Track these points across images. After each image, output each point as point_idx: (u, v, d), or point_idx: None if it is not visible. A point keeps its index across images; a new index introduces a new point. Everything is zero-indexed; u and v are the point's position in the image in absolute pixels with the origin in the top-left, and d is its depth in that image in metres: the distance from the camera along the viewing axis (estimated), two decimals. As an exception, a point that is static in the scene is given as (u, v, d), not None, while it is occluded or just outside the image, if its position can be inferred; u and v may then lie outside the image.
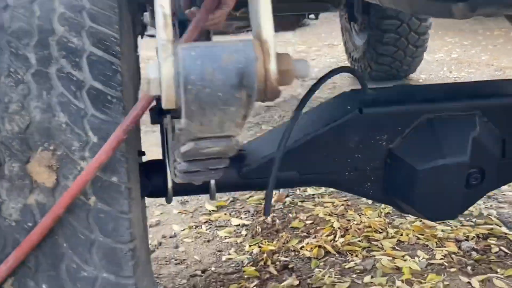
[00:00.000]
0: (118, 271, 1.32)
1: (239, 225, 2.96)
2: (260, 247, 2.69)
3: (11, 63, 1.33)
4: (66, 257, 1.29)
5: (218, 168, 1.10)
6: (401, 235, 2.72)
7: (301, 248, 2.66)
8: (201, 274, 2.51)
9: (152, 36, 1.73)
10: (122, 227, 1.30)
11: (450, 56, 6.99)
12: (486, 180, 1.90)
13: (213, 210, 3.16)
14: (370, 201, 2.99)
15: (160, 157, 1.75)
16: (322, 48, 7.73)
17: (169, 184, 1.80)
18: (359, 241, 2.68)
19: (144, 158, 1.89)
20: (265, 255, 2.60)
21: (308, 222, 2.93)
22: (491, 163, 1.88)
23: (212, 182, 1.82)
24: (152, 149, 2.05)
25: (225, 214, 3.09)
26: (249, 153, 1.89)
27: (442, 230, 2.78)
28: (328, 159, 1.85)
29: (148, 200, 3.36)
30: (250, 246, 2.72)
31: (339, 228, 2.79)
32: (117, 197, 1.30)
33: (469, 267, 2.42)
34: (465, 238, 2.70)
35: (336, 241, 2.69)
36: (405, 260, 2.51)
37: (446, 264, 2.46)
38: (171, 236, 2.91)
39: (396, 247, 2.63)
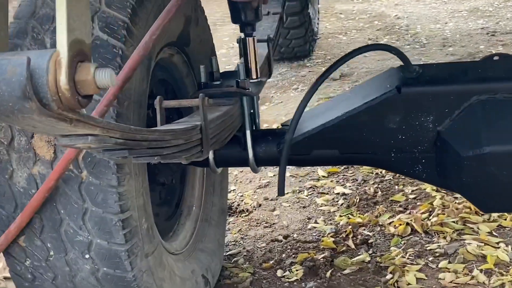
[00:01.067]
0: (110, 238, 1.45)
1: (339, 193, 2.93)
2: (349, 218, 2.65)
3: (30, 47, 1.49)
4: (64, 222, 1.45)
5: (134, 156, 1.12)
6: (505, 219, 2.48)
7: (389, 223, 2.56)
8: (281, 240, 2.56)
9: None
10: (111, 199, 1.42)
11: None
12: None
13: (323, 176, 3.16)
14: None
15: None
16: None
17: (211, 156, 1.88)
18: (454, 222, 2.50)
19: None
20: (350, 227, 2.56)
21: (411, 196, 2.80)
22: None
23: (251, 156, 1.86)
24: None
25: (331, 181, 3.08)
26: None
27: (562, 218, 2.46)
28: (368, 138, 1.77)
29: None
30: (340, 216, 2.70)
31: (437, 206, 2.62)
32: (106, 172, 1.41)
33: None
34: None
35: (430, 219, 2.54)
36: (496, 248, 2.29)
37: (541, 258, 2.20)
38: (272, 199, 2.99)
39: (494, 233, 2.41)
